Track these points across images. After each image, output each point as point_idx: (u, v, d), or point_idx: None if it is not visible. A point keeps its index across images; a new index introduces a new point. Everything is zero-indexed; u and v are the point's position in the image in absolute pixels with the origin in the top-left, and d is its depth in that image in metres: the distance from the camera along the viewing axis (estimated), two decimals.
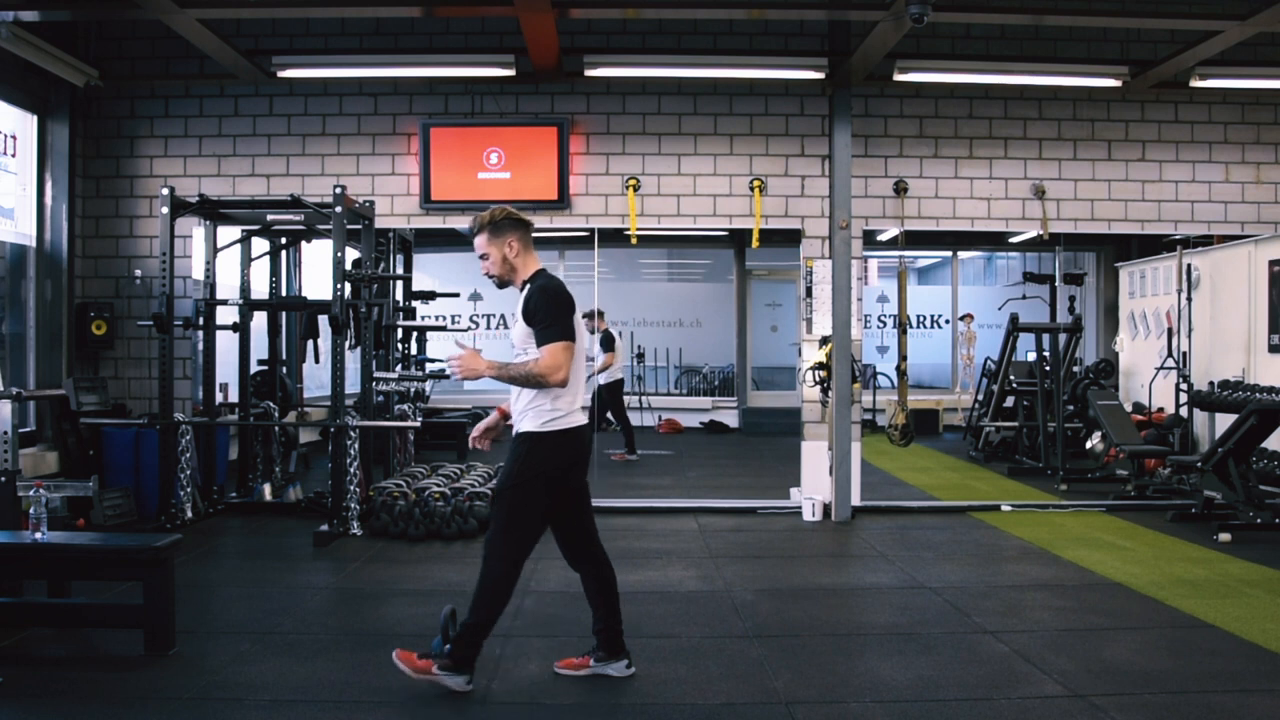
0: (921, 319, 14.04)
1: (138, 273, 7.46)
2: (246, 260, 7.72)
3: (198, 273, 7.34)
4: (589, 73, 7.26)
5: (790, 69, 7.33)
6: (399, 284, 9.15)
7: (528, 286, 3.70)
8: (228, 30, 6.94)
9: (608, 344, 10.32)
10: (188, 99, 7.57)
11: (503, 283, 3.78)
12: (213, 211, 7.08)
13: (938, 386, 13.77)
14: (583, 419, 3.74)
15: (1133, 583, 5.34)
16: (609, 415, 10.71)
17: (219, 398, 7.50)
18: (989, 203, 7.64)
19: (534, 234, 3.81)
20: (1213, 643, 4.32)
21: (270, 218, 7.06)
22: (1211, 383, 7.99)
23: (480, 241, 3.74)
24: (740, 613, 4.81)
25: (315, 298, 7.95)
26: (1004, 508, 7.51)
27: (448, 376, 4.07)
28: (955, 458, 10.54)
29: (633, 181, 7.48)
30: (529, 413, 3.66)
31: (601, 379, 10.26)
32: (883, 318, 13.93)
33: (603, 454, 9.81)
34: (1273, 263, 8.22)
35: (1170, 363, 8.78)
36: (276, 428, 7.73)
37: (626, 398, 12.41)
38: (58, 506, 6.43)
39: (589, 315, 9.90)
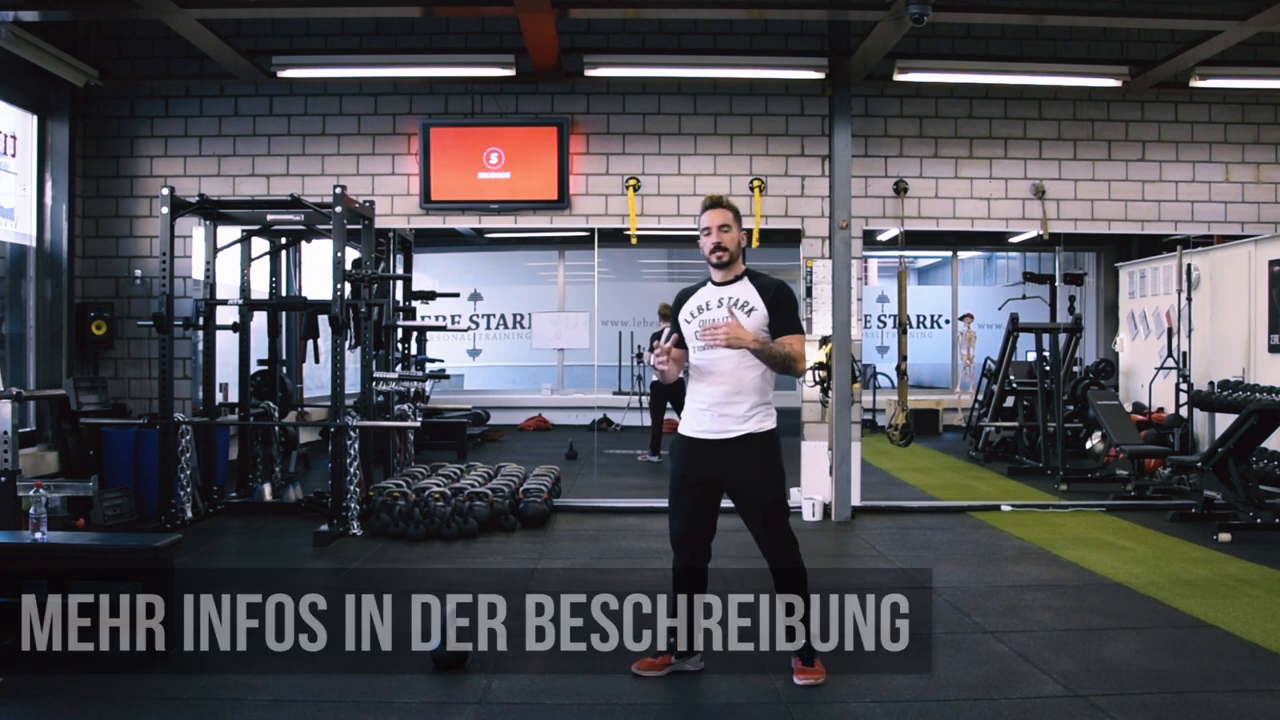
0: (921, 319, 14.04)
1: (138, 273, 7.46)
2: (246, 260, 7.72)
3: (198, 273, 7.34)
4: (589, 73, 7.26)
5: (790, 69, 7.33)
6: (399, 284, 9.15)
7: (754, 279, 3.87)
8: (228, 30, 6.93)
9: None
10: (188, 99, 7.57)
11: (722, 262, 3.87)
12: (213, 211, 7.08)
13: (938, 386, 13.76)
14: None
15: (1133, 583, 5.34)
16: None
17: (219, 398, 7.49)
18: (989, 203, 7.64)
19: (533, 234, 3.85)
20: (1213, 643, 4.32)
21: (270, 218, 7.05)
22: (1211, 383, 7.98)
23: (726, 216, 3.86)
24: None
25: (315, 298, 7.94)
26: (1004, 508, 7.51)
27: (447, 377, 4.04)
28: (955, 458, 10.53)
29: (633, 181, 7.48)
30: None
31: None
32: (883, 318, 13.92)
33: (602, 454, 9.80)
34: (1273, 263, 8.22)
35: (1170, 363, 8.78)
36: (276, 428, 7.73)
37: (626, 398, 12.44)
38: (58, 506, 6.42)
39: None
